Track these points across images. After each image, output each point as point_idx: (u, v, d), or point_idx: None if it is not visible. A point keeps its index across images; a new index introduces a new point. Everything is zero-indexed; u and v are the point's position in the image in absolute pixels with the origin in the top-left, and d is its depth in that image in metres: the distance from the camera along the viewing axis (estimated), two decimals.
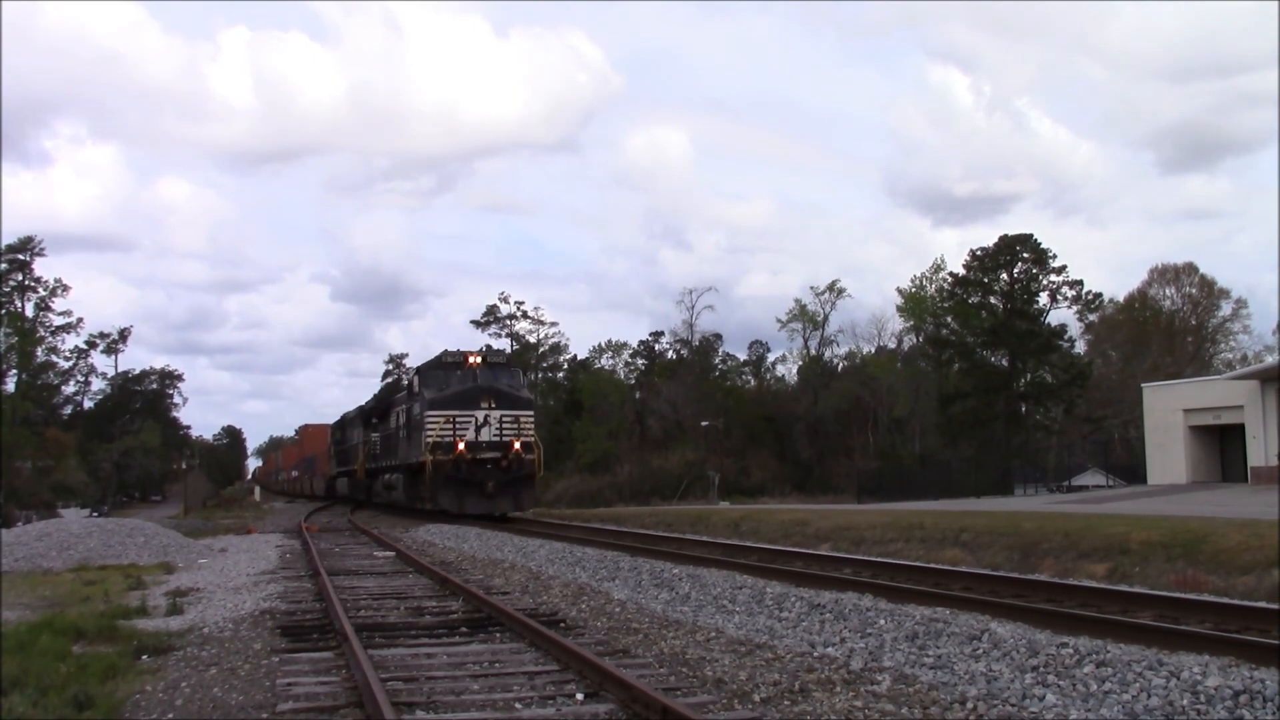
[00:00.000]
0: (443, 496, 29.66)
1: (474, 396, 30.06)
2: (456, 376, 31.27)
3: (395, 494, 36.18)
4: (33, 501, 52.08)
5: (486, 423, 29.79)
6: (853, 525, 24.42)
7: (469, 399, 30.04)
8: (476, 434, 29.70)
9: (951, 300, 67.34)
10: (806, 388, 78.20)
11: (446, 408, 29.90)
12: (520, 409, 30.62)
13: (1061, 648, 8.01)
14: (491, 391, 30.30)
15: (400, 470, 34.78)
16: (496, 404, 29.99)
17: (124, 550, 22.10)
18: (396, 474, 35.64)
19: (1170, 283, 73.90)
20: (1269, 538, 15.09)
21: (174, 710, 7.77)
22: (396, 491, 35.80)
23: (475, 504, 29.40)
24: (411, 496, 33.56)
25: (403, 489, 34.49)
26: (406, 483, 33.80)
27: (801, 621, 10.34)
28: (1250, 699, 6.60)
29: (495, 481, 29.56)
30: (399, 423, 35.48)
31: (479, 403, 29.87)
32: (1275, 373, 37.61)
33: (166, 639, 10.78)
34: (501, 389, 30.68)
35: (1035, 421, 65.30)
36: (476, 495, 29.46)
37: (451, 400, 30.14)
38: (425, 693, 7.84)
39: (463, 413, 29.83)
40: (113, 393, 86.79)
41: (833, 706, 7.27)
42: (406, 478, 33.67)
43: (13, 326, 69.18)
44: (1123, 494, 35.42)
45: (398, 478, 35.25)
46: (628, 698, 7.24)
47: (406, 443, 33.51)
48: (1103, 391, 67.61)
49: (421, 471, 30.81)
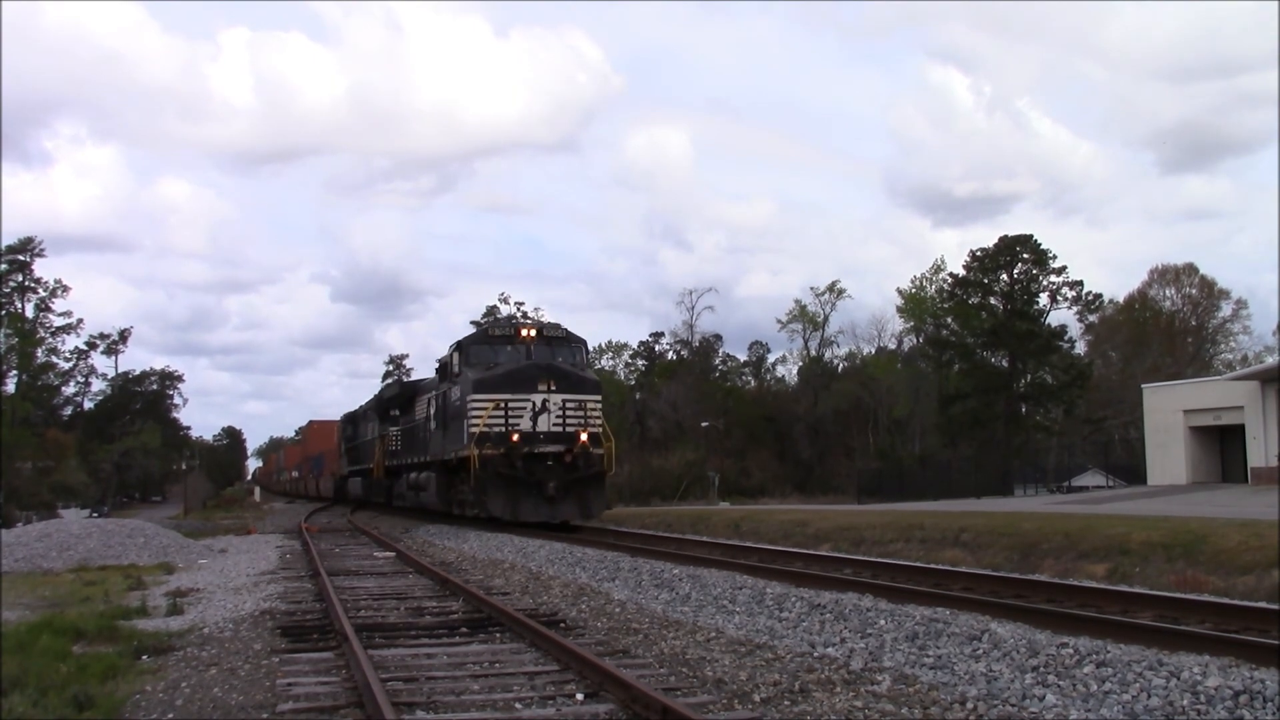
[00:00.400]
0: (492, 499, 24.40)
1: (530, 377, 24.92)
2: (507, 353, 26.03)
3: (425, 496, 30.86)
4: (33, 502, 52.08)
5: (545, 409, 24.62)
6: (853, 525, 24.43)
7: (524, 380, 24.91)
8: (534, 423, 24.58)
9: (951, 301, 67.33)
10: (806, 388, 78.21)
11: (496, 390, 24.84)
12: (587, 392, 25.50)
13: (1061, 648, 8.01)
14: (552, 371, 25.15)
15: (432, 468, 29.61)
16: (558, 386, 24.93)
17: (124, 551, 22.11)
18: (426, 472, 30.41)
19: (1170, 283, 73.92)
20: (1269, 538, 15.09)
21: (174, 710, 7.77)
22: (426, 493, 30.49)
23: (532, 509, 24.29)
24: (447, 499, 28.29)
25: (435, 490, 29.13)
26: (441, 483, 28.58)
27: (802, 622, 10.34)
28: (1250, 699, 6.60)
29: (557, 481, 24.29)
30: (429, 412, 30.38)
31: (536, 384, 24.76)
32: (1275, 373, 37.61)
33: (166, 639, 10.78)
34: (564, 368, 25.60)
35: (1035, 422, 65.26)
36: (534, 498, 24.26)
37: (502, 381, 25.01)
38: (425, 693, 7.84)
39: (517, 396, 24.66)
40: (113, 393, 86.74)
41: (833, 706, 7.27)
42: (441, 477, 28.50)
43: (13, 327, 69.17)
44: (1123, 494, 35.41)
45: (428, 477, 30.03)
46: (628, 698, 7.24)
47: (441, 435, 28.45)
48: (1103, 392, 67.60)
49: (463, 469, 25.87)
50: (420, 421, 32.02)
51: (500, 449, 24.26)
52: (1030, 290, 64.51)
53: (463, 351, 26.75)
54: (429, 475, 29.99)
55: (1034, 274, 64.57)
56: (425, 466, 30.68)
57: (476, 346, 26.57)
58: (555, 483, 24.24)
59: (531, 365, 25.29)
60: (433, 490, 29.46)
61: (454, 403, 26.77)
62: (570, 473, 24.52)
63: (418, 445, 32.14)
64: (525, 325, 26.92)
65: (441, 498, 28.67)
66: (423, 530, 28.69)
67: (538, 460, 24.44)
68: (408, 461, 33.75)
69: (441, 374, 29.17)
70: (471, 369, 25.83)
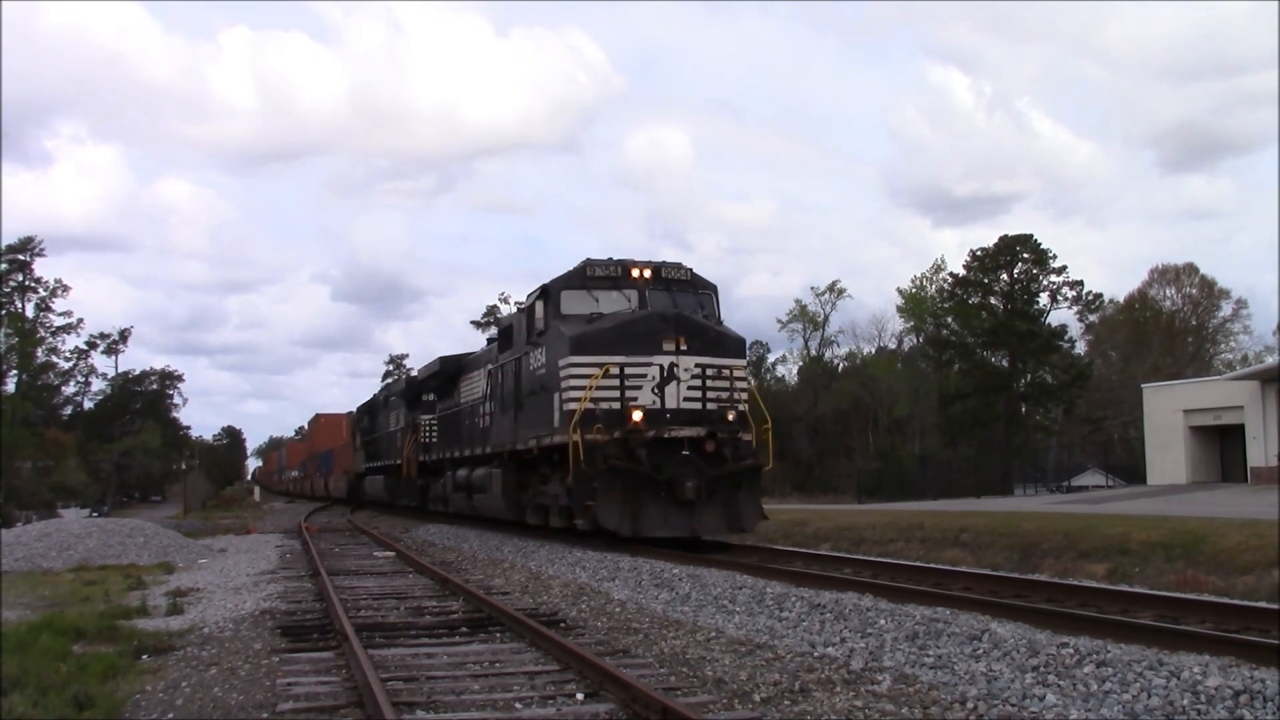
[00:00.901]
0: (604, 505, 17.16)
1: (653, 331, 17.96)
2: (612, 301, 19.05)
3: (483, 499, 23.89)
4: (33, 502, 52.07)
5: (675, 377, 17.81)
6: (853, 525, 24.44)
7: (645, 336, 17.95)
8: (659, 396, 17.77)
9: (951, 300, 67.31)
10: (807, 388, 78.16)
11: (605, 350, 17.88)
12: (730, 354, 18.64)
13: (1062, 648, 8.01)
14: (683, 324, 18.14)
15: (494, 462, 22.90)
16: (692, 345, 18.02)
17: (124, 550, 22.10)
18: (484, 468, 23.60)
19: (1170, 283, 73.93)
20: (1269, 538, 15.10)
21: (174, 710, 7.77)
22: (486, 496, 23.46)
23: (660, 519, 17.22)
24: (518, 503, 21.55)
25: (501, 492, 22.05)
26: (509, 482, 21.79)
27: (802, 621, 10.34)
28: (1250, 699, 6.60)
29: (698, 480, 17.18)
30: (486, 389, 23.92)
31: (662, 342, 17.84)
32: (1275, 373, 37.62)
33: (167, 639, 10.78)
34: (699, 321, 18.75)
35: (1035, 422, 65.28)
36: (663, 503, 17.21)
37: (614, 337, 18.00)
38: (425, 693, 7.84)
39: (636, 360, 17.78)
40: (113, 393, 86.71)
41: (833, 706, 7.27)
42: (512, 474, 21.73)
43: (13, 327, 69.17)
44: (1122, 494, 35.42)
45: (489, 474, 23.04)
46: (628, 697, 7.24)
47: (510, 417, 21.52)
48: (1103, 392, 67.62)
49: (548, 462, 19.50)
50: (470, 404, 25.94)
51: (614, 433, 17.41)
52: (1030, 290, 64.52)
53: (550, 299, 19.37)
54: (490, 473, 23.02)
55: (1034, 274, 64.57)
56: (482, 460, 24.00)
57: (570, 293, 19.19)
58: (695, 481, 17.17)
59: (654, 316, 18.26)
60: (496, 492, 22.43)
61: (534, 371, 20.05)
62: (715, 466, 17.52)
63: (468, 434, 25.74)
64: (637, 264, 19.26)
65: (510, 501, 21.84)
66: (422, 530, 28.68)
67: (668, 449, 17.42)
68: (452, 455, 27.12)
69: (504, 340, 22.82)
70: (567, 321, 18.78)
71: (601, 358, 17.94)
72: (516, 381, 21.29)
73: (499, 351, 23.15)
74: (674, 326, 18.10)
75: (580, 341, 18.16)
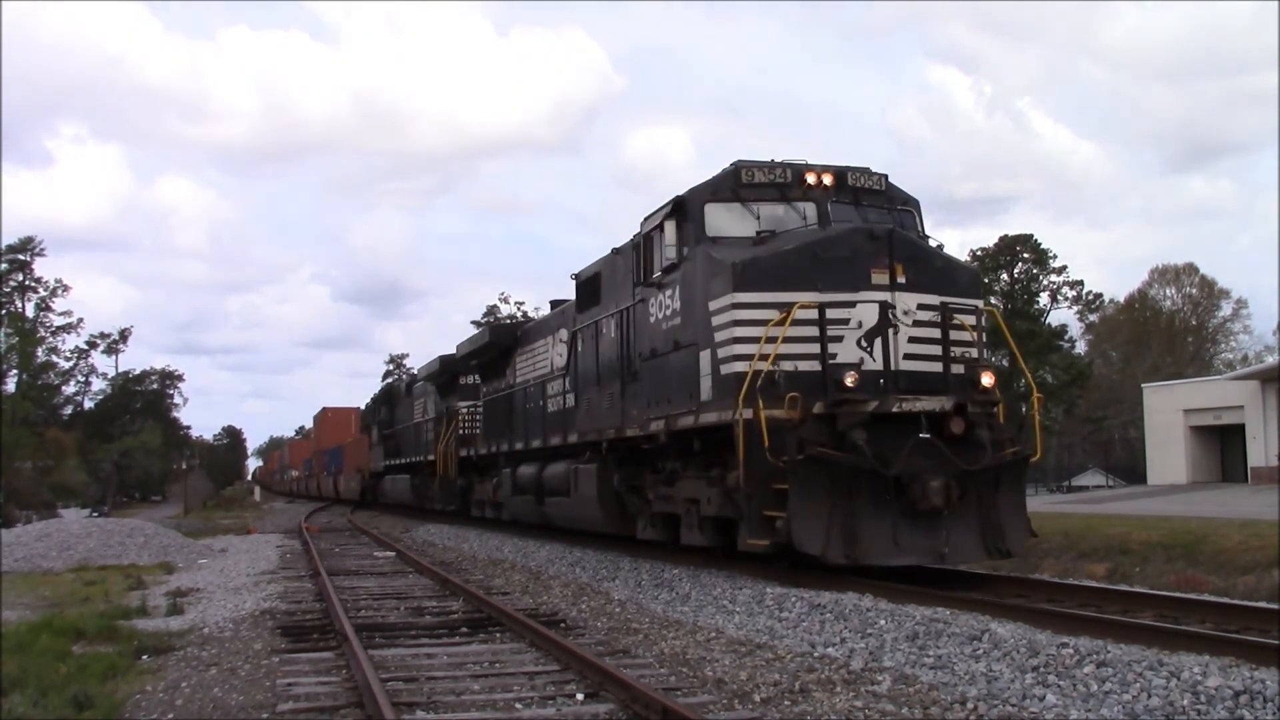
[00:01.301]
0: (801, 515, 11.35)
1: (858, 256, 12.22)
2: (778, 218, 13.32)
3: (562, 505, 18.20)
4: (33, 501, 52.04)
5: (893, 323, 12.09)
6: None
7: (846, 264, 12.22)
8: (870, 350, 12.06)
9: None
10: None
11: (786, 284, 12.19)
12: (964, 293, 12.84)
13: (1062, 648, 8.01)
14: (903, 246, 12.37)
15: (582, 454, 17.23)
16: (914, 278, 12.27)
17: (124, 550, 22.09)
18: (565, 463, 17.97)
19: (1170, 283, 73.89)
20: (1269, 538, 15.09)
21: (174, 710, 7.78)
22: (568, 499, 17.70)
23: (890, 537, 11.58)
24: (619, 510, 16.21)
25: (597, 496, 16.41)
26: (608, 481, 16.26)
27: (802, 621, 10.34)
28: (1251, 699, 6.60)
29: (942, 477, 11.53)
30: (575, 356, 17.90)
31: (870, 273, 12.14)
32: (1275, 373, 37.61)
33: (167, 639, 10.79)
34: (922, 243, 13.19)
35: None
36: (890, 513, 11.57)
37: (800, 265, 12.29)
38: (425, 693, 7.84)
39: (837, 298, 12.09)
40: (113, 393, 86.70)
41: (833, 706, 7.27)
42: (608, 471, 16.25)
43: (13, 327, 69.17)
44: (1122, 494, 35.42)
45: (575, 471, 17.28)
46: (628, 698, 7.24)
47: (614, 392, 15.80)
48: (1103, 392, 67.59)
49: (681, 452, 14.01)
50: (534, 382, 20.64)
51: (811, 406, 11.64)
52: (1030, 290, 64.54)
53: (688, 217, 13.45)
54: (575, 469, 17.33)
55: (1034, 273, 64.60)
56: (559, 453, 18.67)
57: (718, 207, 13.27)
58: (940, 479, 11.50)
59: (858, 232, 12.41)
60: (587, 494, 16.69)
61: (660, 323, 14.13)
62: (969, 456, 11.81)
63: (532, 420, 20.55)
64: (812, 168, 13.47)
65: (608, 508, 16.30)
66: (423, 530, 28.67)
67: (894, 431, 11.66)
68: (508, 448, 22.12)
69: (588, 294, 17.27)
70: (716, 247, 12.91)
71: (784, 294, 11.99)
72: (623, 344, 15.49)
73: (578, 310, 17.80)
74: (888, 249, 12.03)
75: (750, 271, 12.16)
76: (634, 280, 15.28)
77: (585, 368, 17.63)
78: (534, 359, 21.13)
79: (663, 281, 14.16)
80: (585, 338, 17.61)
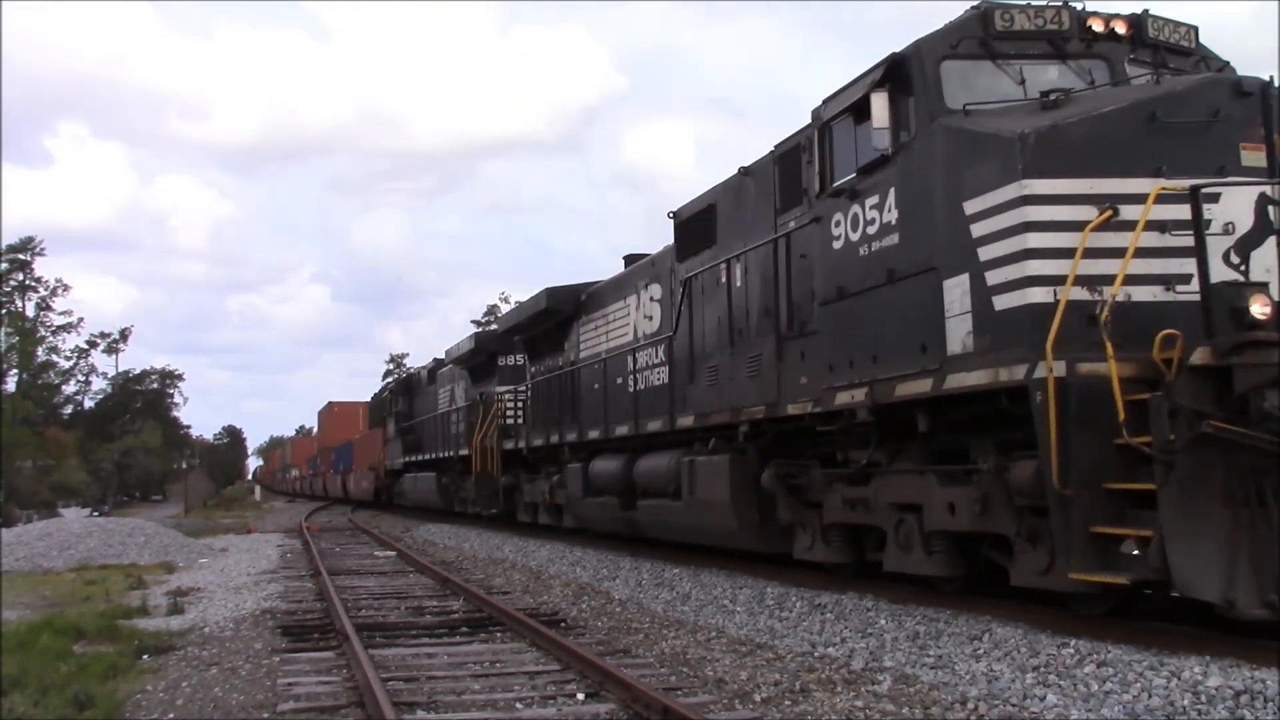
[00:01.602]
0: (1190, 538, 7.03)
1: (1224, 124, 7.93)
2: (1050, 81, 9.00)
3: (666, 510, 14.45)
4: (33, 501, 52.08)
5: (1276, 224, 7.79)
6: None
7: (1207, 138, 7.95)
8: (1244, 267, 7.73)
9: None
10: None
11: (1105, 169, 7.94)
12: None
13: (1062, 647, 8.01)
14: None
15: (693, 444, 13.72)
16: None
17: (124, 550, 22.11)
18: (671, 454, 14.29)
19: None
20: None
21: (175, 710, 7.79)
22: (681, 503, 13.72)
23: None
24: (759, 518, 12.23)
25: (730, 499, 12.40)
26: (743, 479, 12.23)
27: (802, 621, 10.34)
28: (1251, 699, 6.60)
29: None
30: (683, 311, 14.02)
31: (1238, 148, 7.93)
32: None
33: (167, 638, 10.80)
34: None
35: None
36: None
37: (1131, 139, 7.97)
38: (426, 692, 7.85)
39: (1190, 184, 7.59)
40: (113, 392, 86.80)
41: (833, 706, 7.27)
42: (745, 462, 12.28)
43: (13, 326, 69.25)
44: None
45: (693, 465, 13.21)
46: (628, 697, 7.25)
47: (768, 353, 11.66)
48: None
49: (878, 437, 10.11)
50: (608, 356, 17.26)
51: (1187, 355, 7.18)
52: None
53: (910, 78, 9.36)
54: (693, 463, 13.32)
55: None
56: (656, 442, 15.16)
57: (960, 65, 9.25)
58: None
59: (1214, 84, 8.35)
60: (717, 496, 12.71)
61: (864, 242, 9.92)
62: None
63: (609, 404, 16.88)
64: (1098, 15, 9.40)
65: (744, 514, 12.38)
66: (423, 529, 28.69)
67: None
68: (573, 438, 18.46)
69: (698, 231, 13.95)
70: (968, 119, 8.88)
71: (1107, 182, 8.01)
72: (776, 286, 11.63)
73: (680, 258, 14.49)
74: (1265, 112, 8.11)
75: (1048, 145, 8.12)
76: (776, 205, 11.80)
77: (704, 328, 13.68)
78: (608, 326, 17.64)
79: (858, 187, 10.00)
80: (699, 289, 13.81)
